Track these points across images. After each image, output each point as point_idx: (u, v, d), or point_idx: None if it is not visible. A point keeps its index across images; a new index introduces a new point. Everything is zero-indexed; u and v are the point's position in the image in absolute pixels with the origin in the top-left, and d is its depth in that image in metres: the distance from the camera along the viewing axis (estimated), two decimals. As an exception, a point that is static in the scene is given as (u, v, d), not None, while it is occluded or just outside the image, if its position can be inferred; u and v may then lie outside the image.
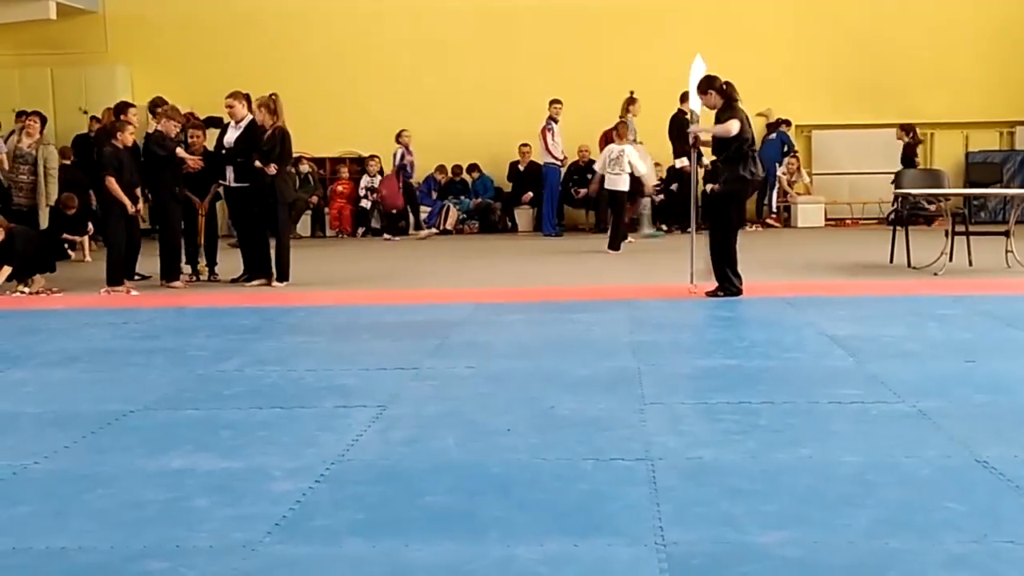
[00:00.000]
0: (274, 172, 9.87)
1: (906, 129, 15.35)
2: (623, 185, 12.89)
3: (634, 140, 13.60)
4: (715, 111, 8.65)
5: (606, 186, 13.04)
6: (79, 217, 12.43)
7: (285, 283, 9.95)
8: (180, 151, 10.09)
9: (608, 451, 4.23)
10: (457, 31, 16.87)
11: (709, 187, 9.37)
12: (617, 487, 3.79)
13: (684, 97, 14.06)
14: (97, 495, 3.82)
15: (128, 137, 9.80)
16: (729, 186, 8.52)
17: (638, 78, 15.93)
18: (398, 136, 15.61)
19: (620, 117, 14.05)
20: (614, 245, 12.62)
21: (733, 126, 8.28)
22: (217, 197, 10.76)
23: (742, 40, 16.59)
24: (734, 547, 3.21)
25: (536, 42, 16.73)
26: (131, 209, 9.73)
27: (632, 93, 14.63)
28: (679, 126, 14.50)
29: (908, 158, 15.30)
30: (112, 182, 9.55)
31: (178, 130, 10.35)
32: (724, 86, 8.53)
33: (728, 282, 8.47)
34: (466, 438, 4.49)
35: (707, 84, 8.59)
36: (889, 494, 3.66)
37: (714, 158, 8.97)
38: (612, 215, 13.19)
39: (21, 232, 9.91)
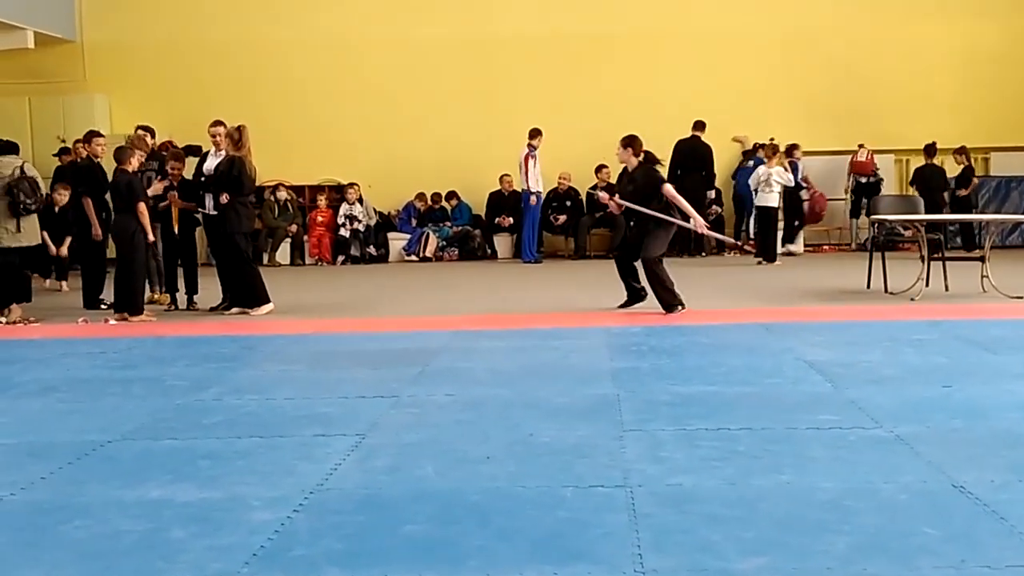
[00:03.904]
0: (225, 201, 9.86)
1: (962, 152, 16.00)
2: (773, 202, 14.42)
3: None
4: (625, 166, 9.67)
5: (758, 203, 14.56)
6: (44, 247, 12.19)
7: (264, 309, 9.90)
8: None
9: (587, 478, 4.23)
10: (436, 60, 16.96)
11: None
12: (596, 514, 3.79)
13: (697, 125, 15.74)
14: (74, 526, 3.79)
15: (135, 162, 9.78)
16: (661, 228, 9.32)
17: (618, 106, 16.10)
18: (791, 151, 15.78)
19: (764, 145, 15.11)
20: (770, 257, 14.26)
21: (668, 188, 9.34)
22: (196, 223, 10.74)
23: (720, 67, 16.79)
24: (712, 574, 3.22)
25: (515, 70, 16.84)
26: (151, 237, 9.71)
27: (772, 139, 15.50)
28: (693, 152, 15.64)
29: (965, 179, 15.96)
30: (143, 208, 9.54)
31: (143, 159, 10.40)
32: (644, 153, 9.45)
33: (668, 301, 9.11)
34: (445, 466, 4.48)
35: (630, 143, 9.46)
36: (866, 520, 3.67)
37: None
38: (761, 229, 14.68)
39: None
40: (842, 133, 16.52)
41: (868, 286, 10.84)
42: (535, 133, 15.09)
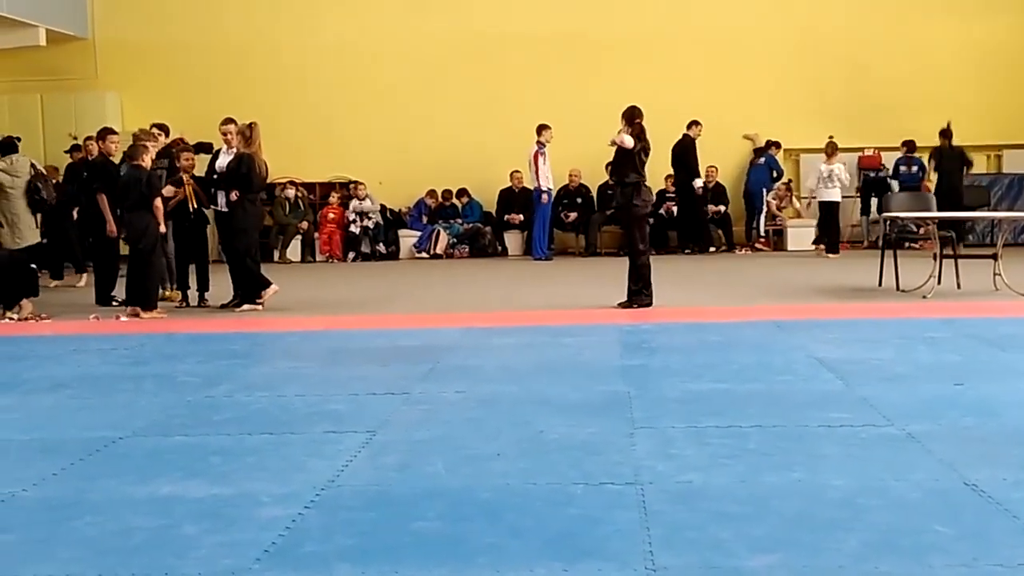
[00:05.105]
0: (234, 198, 9.88)
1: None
2: (836, 196, 14.86)
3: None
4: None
5: (822, 198, 14.96)
6: (47, 246, 12.20)
7: (269, 291, 9.94)
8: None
9: (598, 475, 4.23)
10: (446, 58, 16.95)
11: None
12: (607, 511, 3.79)
13: (689, 125, 15.85)
14: (85, 522, 3.80)
15: (147, 159, 9.80)
16: (630, 211, 9.61)
17: (630, 103, 16.04)
18: (911, 147, 16.13)
19: (827, 147, 15.23)
20: (833, 249, 14.89)
21: (628, 140, 9.51)
22: (207, 221, 10.76)
23: (731, 64, 16.74)
24: (723, 571, 3.21)
25: (525, 68, 16.81)
26: (163, 228, 9.77)
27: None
28: (685, 151, 15.62)
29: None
30: (160, 203, 9.59)
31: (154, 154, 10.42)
32: (641, 125, 9.68)
33: (639, 296, 9.41)
34: (456, 463, 4.48)
35: (631, 113, 9.78)
36: (878, 517, 3.66)
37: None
38: (824, 223, 15.24)
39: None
40: (853, 131, 16.46)
41: (880, 283, 10.81)
42: (542, 129, 15.07)
